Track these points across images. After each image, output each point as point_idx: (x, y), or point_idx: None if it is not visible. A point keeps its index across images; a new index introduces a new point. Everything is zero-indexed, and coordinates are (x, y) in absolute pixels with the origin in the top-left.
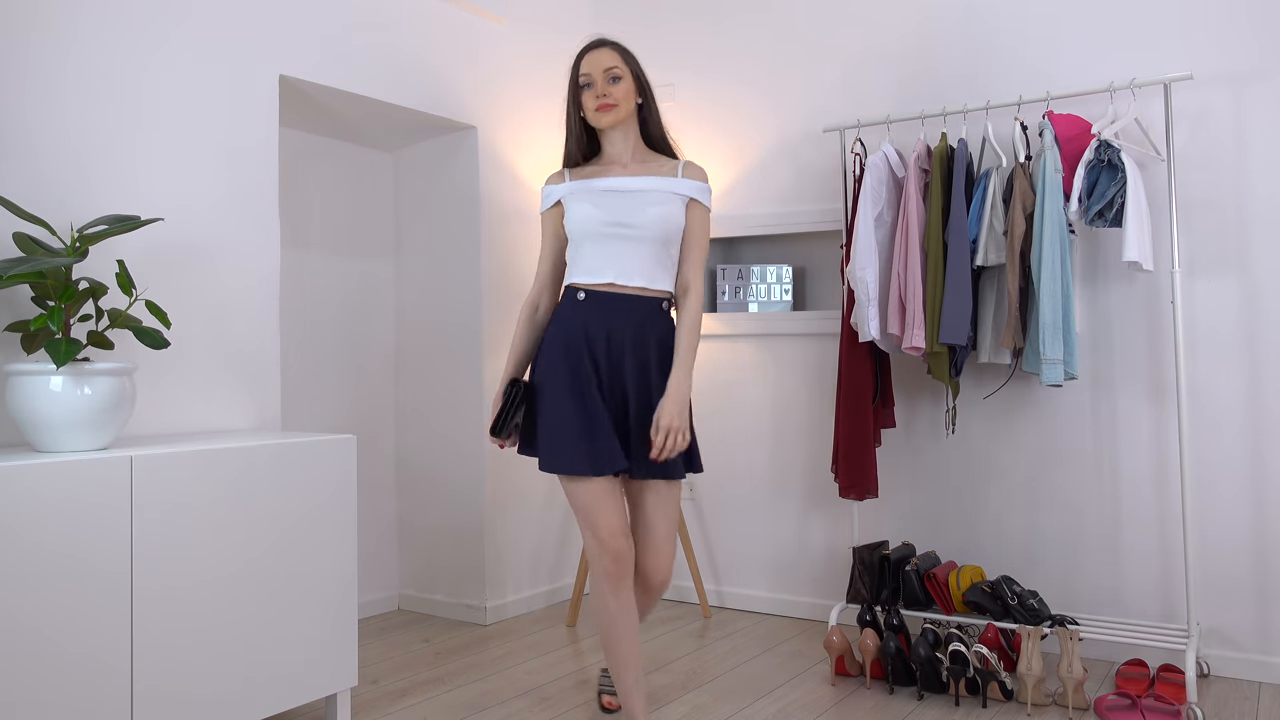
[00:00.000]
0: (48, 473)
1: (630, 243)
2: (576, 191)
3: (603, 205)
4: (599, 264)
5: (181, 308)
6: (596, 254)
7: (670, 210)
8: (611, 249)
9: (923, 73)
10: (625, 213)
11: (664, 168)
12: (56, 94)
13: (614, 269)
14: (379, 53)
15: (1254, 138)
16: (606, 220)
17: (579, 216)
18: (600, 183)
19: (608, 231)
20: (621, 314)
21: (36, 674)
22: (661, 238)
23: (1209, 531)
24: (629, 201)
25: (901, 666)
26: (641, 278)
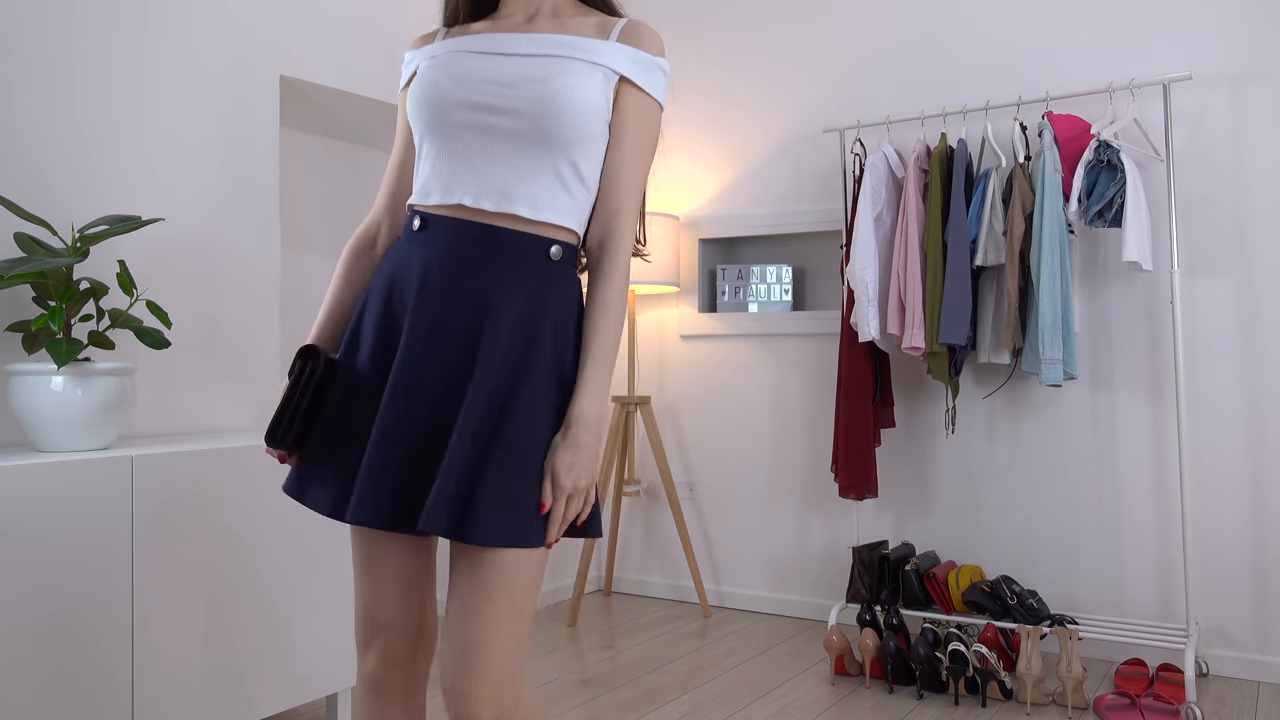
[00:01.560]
0: (48, 472)
1: (498, 139)
2: (435, 55)
3: (459, 73)
4: (444, 172)
5: (182, 308)
6: (442, 156)
7: (571, 86)
8: (467, 148)
9: (922, 73)
10: (493, 87)
11: (588, 25)
12: (57, 94)
13: (466, 182)
14: (379, 53)
15: (1253, 138)
16: (459, 100)
17: (417, 94)
18: (468, 41)
19: (461, 118)
20: (474, 260)
21: (37, 673)
22: (545, 133)
23: (1208, 531)
24: (506, 69)
25: (901, 666)
26: (515, 200)
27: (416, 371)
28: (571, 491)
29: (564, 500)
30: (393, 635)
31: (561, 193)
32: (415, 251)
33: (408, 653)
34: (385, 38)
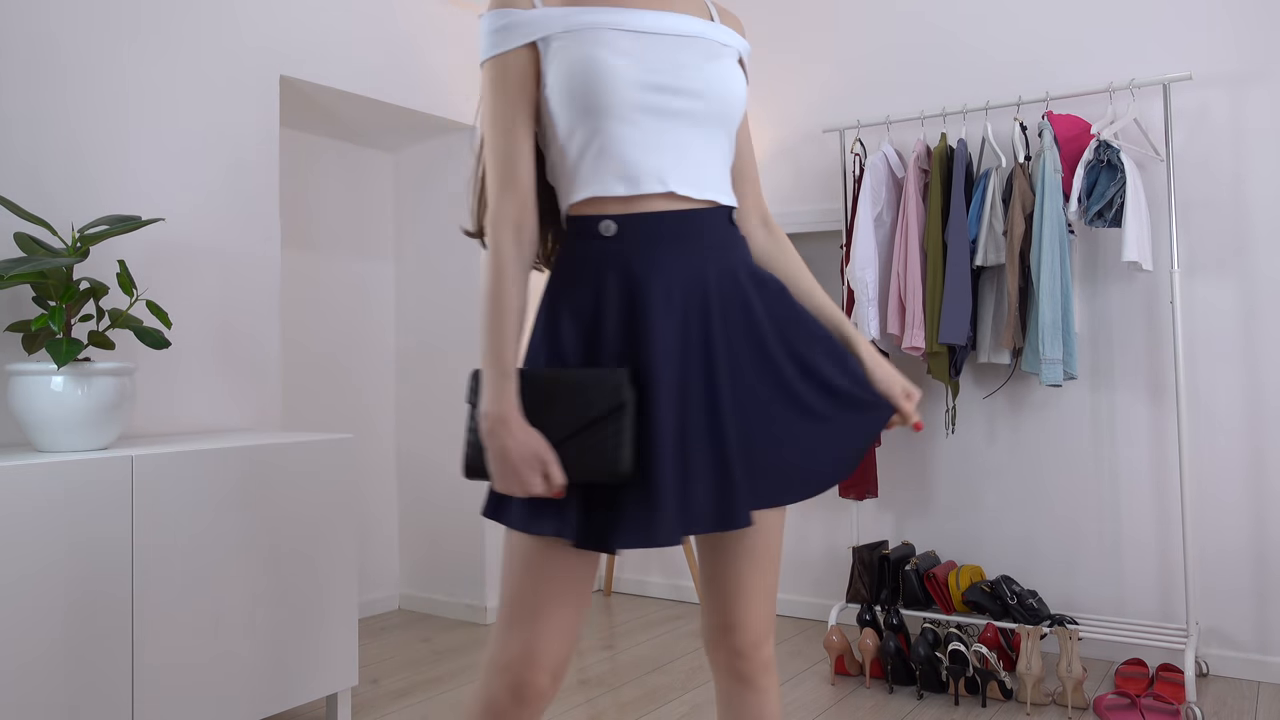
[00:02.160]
0: (48, 472)
1: (685, 125)
2: (574, 28)
3: (637, 55)
4: (646, 160)
5: (182, 308)
6: (637, 144)
7: (735, 68)
8: (663, 135)
9: (922, 73)
10: (680, 70)
11: (693, 4)
12: (57, 94)
13: (676, 169)
14: (379, 53)
15: (1253, 138)
16: (651, 82)
17: (602, 71)
18: (612, 15)
19: (654, 103)
20: (695, 250)
21: (37, 673)
22: (726, 115)
23: (1208, 531)
24: (677, 52)
25: (901, 666)
26: (713, 184)
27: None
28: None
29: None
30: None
31: (727, 170)
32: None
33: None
34: (385, 38)
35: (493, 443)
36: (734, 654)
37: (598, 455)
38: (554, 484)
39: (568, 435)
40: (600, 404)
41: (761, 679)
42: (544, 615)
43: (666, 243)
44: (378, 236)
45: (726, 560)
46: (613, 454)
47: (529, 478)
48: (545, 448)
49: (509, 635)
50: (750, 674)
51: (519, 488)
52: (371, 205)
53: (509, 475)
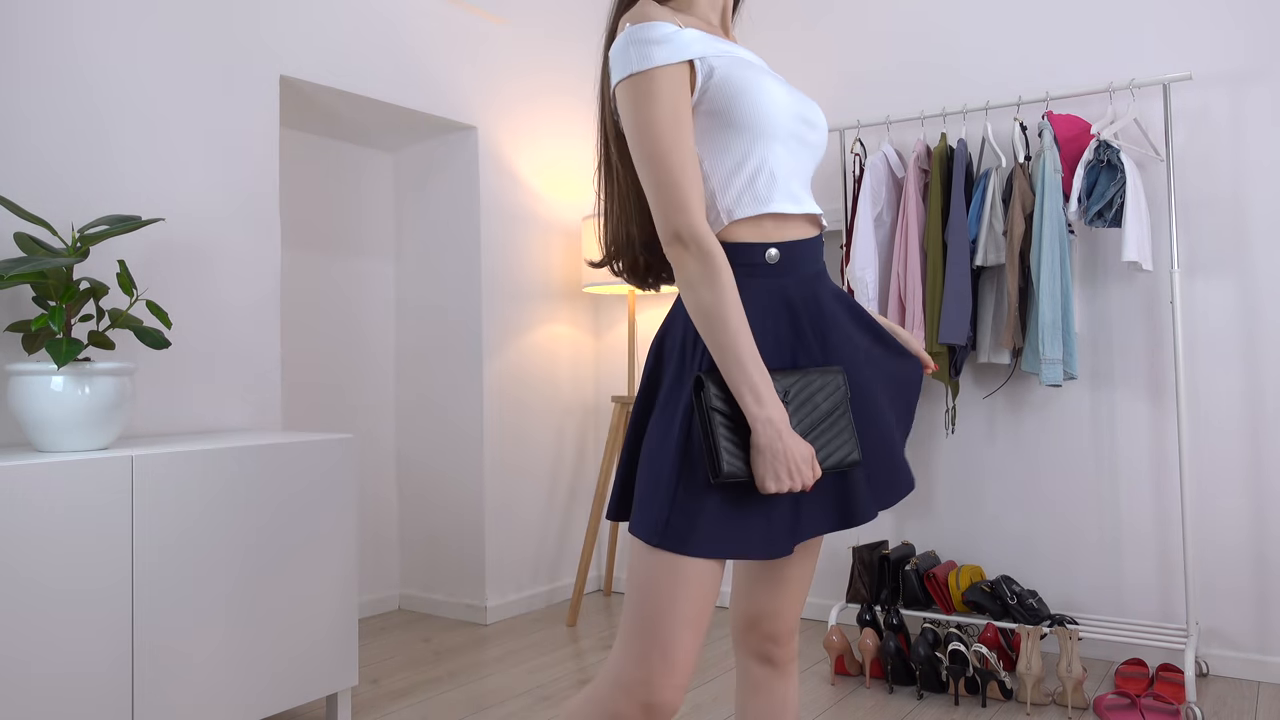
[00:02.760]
0: (48, 473)
1: (810, 152)
2: (724, 53)
3: (789, 89)
4: (794, 183)
5: (182, 308)
6: (789, 166)
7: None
8: (800, 161)
9: (922, 73)
10: (806, 104)
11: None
12: (57, 94)
13: (809, 195)
14: (379, 53)
15: (1253, 138)
16: (798, 113)
17: (772, 99)
18: (733, 48)
19: (798, 132)
20: (822, 274)
21: (37, 673)
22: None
23: (1208, 531)
24: (792, 88)
25: (901, 666)
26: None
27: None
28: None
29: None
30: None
31: None
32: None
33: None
34: (385, 38)
35: (777, 446)
36: (768, 639)
37: (835, 448)
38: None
39: (805, 433)
40: (825, 401)
41: (790, 665)
42: (684, 631)
43: (802, 267)
44: (378, 236)
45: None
46: (848, 445)
47: (804, 474)
48: (811, 449)
49: (647, 653)
50: (782, 660)
51: (797, 483)
52: (371, 205)
53: (786, 474)
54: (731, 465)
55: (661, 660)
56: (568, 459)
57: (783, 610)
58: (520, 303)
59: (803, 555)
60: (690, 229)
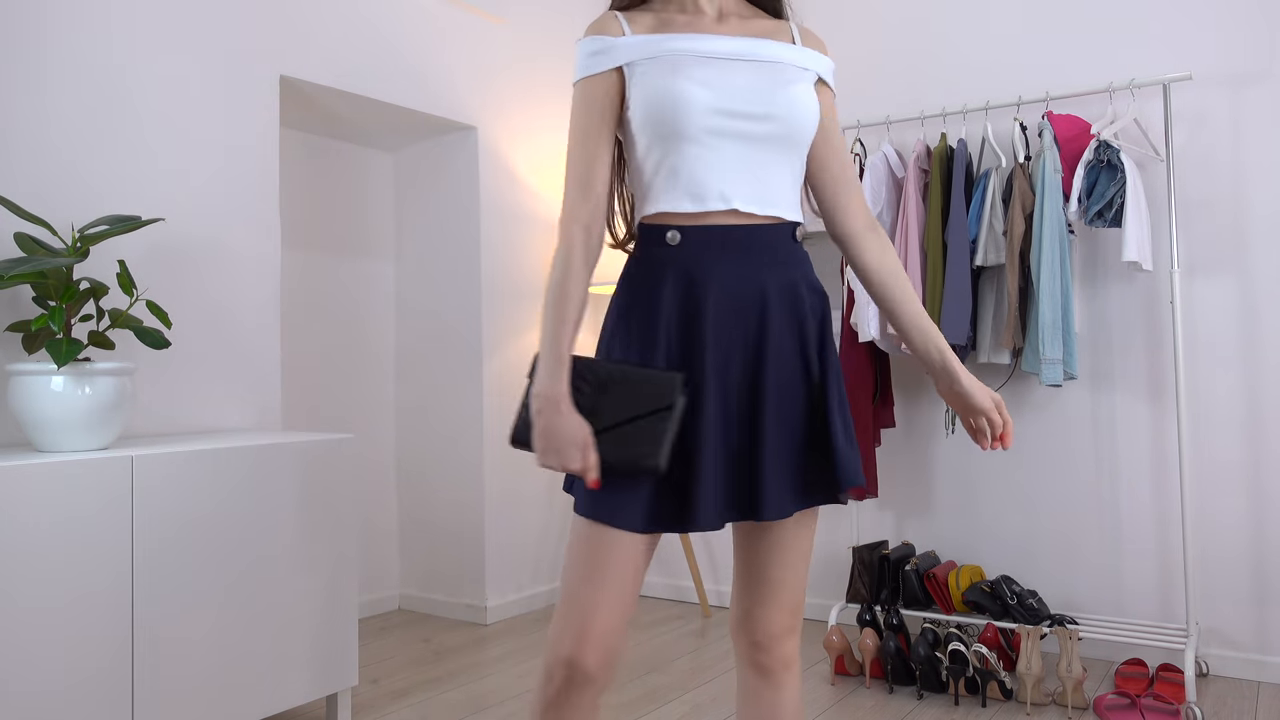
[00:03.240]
0: (48, 472)
1: (754, 145)
2: (657, 55)
3: (712, 82)
4: (712, 179)
5: (182, 308)
6: (706, 164)
7: (806, 92)
8: (731, 156)
9: (922, 73)
10: (751, 95)
11: (773, 28)
12: (57, 94)
13: (735, 188)
14: (379, 53)
15: (1252, 138)
16: (722, 108)
17: (677, 99)
18: (692, 42)
19: (715, 125)
20: (754, 262)
21: (37, 673)
22: (794, 136)
23: (1208, 531)
24: (750, 77)
25: (901, 666)
26: (777, 202)
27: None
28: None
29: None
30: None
31: (795, 189)
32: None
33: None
34: (385, 38)
35: (540, 420)
36: (753, 645)
37: (633, 448)
38: (588, 466)
39: (612, 425)
40: (649, 402)
41: (780, 675)
42: (597, 595)
43: (727, 253)
44: (378, 236)
45: (755, 552)
46: (650, 449)
47: (568, 456)
48: (586, 433)
49: (566, 613)
50: (768, 667)
51: (557, 463)
52: (371, 205)
53: (550, 451)
54: (519, 432)
55: (578, 621)
56: None
57: (766, 615)
58: (520, 303)
59: (778, 558)
60: (565, 219)
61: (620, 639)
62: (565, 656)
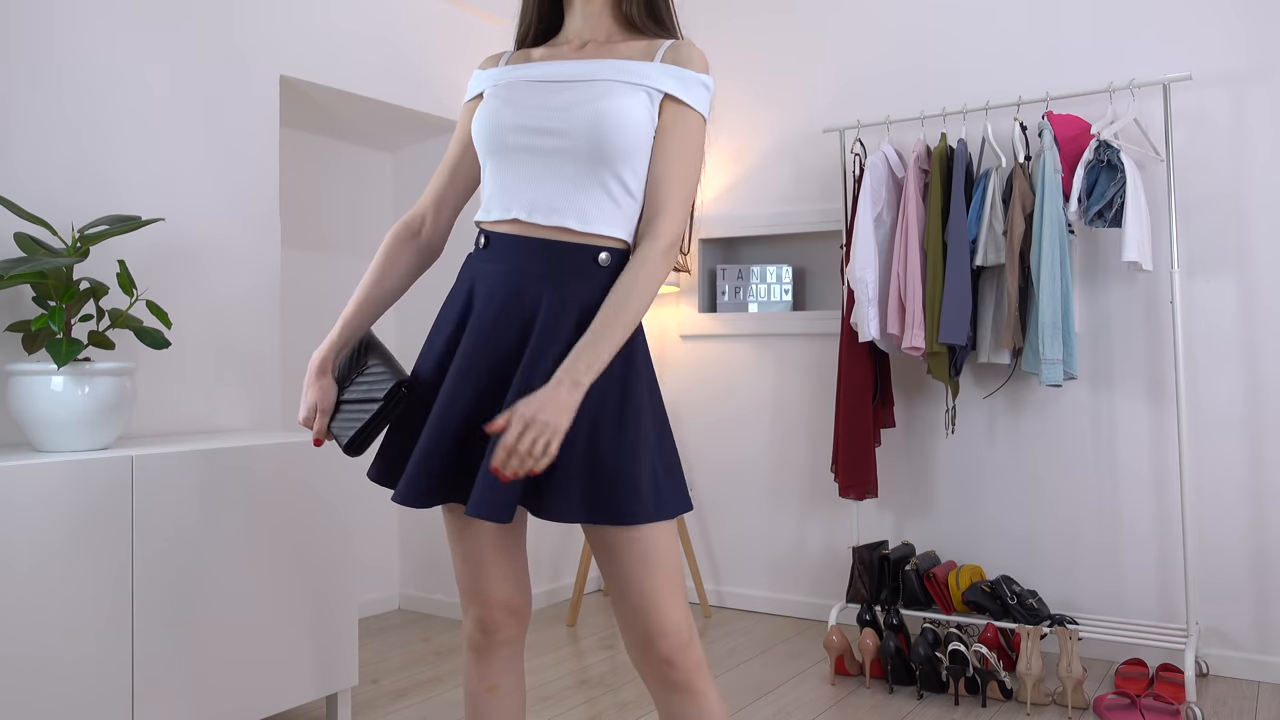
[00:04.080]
0: (48, 472)
1: (550, 159)
2: (498, 82)
3: (517, 100)
4: (501, 192)
5: (182, 308)
6: (501, 177)
7: (617, 106)
8: (522, 170)
9: (922, 73)
10: (546, 112)
11: (636, 48)
12: (57, 94)
13: (521, 199)
14: (379, 53)
15: (1253, 138)
16: (515, 124)
17: (480, 119)
18: (528, 70)
19: (515, 141)
20: (529, 272)
21: (37, 673)
22: (594, 151)
23: (1208, 531)
24: (558, 95)
25: (901, 666)
26: (565, 213)
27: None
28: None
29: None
30: (484, 605)
31: (610, 205)
32: (482, 266)
33: (499, 619)
34: (385, 38)
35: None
36: (664, 662)
37: (341, 426)
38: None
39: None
40: (369, 391)
41: (698, 683)
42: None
43: (504, 260)
44: (378, 236)
45: (623, 570)
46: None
47: (301, 411)
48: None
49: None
50: (684, 681)
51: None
52: (371, 205)
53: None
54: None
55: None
56: None
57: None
58: None
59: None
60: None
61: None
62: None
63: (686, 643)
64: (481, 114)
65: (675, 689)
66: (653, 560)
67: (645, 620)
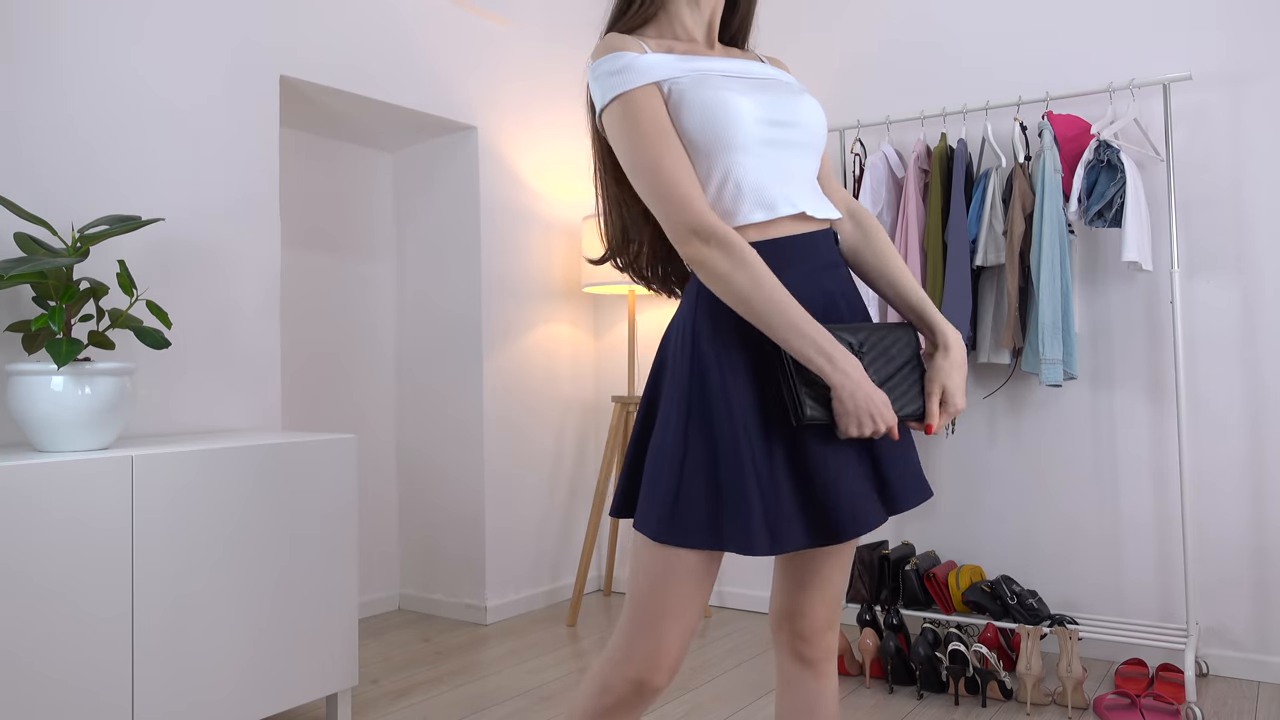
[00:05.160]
0: (48, 473)
1: (791, 152)
2: (688, 71)
3: (751, 94)
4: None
5: (182, 308)
6: (762, 172)
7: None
8: (780, 164)
9: (922, 73)
10: (783, 105)
11: (744, 55)
12: (57, 94)
13: (800, 193)
14: (379, 53)
15: (1253, 138)
16: (766, 117)
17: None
18: (709, 63)
19: (766, 135)
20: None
21: (37, 673)
22: (820, 144)
23: (1208, 531)
24: (773, 91)
25: (901, 666)
26: (821, 203)
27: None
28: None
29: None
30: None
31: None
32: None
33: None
34: (385, 38)
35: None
36: (798, 638)
37: (908, 400)
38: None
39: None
40: (902, 354)
41: (824, 664)
42: (671, 618)
43: (795, 264)
44: (378, 236)
45: (810, 552)
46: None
47: (889, 416)
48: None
49: (639, 635)
50: (813, 658)
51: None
52: (371, 205)
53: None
54: (814, 411)
55: (652, 643)
56: (568, 459)
57: (810, 609)
58: (520, 303)
59: (830, 557)
60: (700, 222)
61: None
62: (635, 678)
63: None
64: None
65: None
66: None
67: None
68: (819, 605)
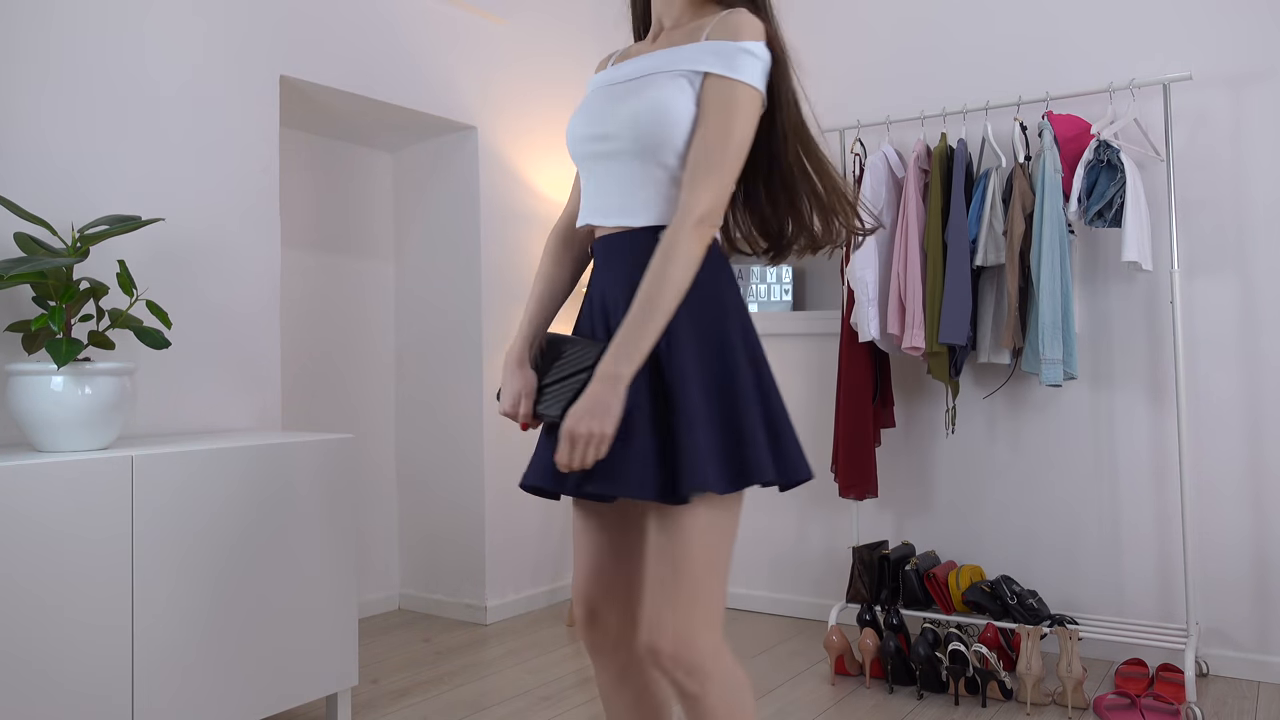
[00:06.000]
0: (48, 472)
1: (608, 162)
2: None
3: (585, 109)
4: (590, 199)
5: (182, 307)
6: (587, 183)
7: (658, 100)
8: (593, 175)
9: (922, 73)
10: (602, 117)
11: (691, 28)
12: (57, 94)
13: (593, 204)
14: (379, 53)
15: (1253, 138)
16: (584, 134)
17: (568, 133)
18: (601, 75)
19: (585, 150)
20: (615, 268)
21: (37, 673)
22: (641, 147)
23: (1208, 531)
24: (614, 99)
25: (901, 666)
26: (620, 212)
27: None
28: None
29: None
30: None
31: (655, 193)
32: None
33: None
34: (385, 38)
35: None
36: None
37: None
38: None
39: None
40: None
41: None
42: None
43: (601, 262)
44: (378, 236)
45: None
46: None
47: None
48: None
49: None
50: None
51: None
52: (371, 205)
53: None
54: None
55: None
56: None
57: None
58: (520, 302)
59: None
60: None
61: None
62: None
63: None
64: (569, 127)
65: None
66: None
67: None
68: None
